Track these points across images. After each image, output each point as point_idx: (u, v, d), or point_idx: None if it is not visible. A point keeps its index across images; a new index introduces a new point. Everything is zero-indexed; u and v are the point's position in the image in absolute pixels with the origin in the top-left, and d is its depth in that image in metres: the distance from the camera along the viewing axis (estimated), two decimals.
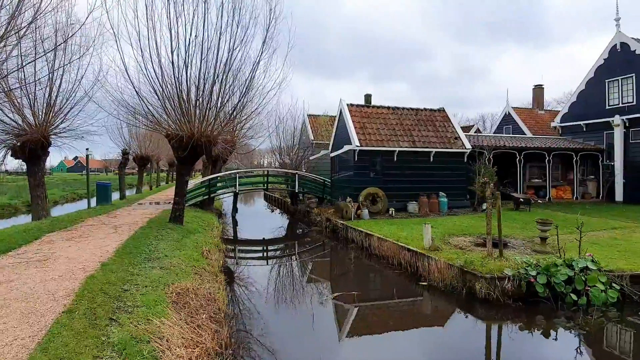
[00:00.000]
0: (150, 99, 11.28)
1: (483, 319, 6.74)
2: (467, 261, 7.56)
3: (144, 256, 7.65)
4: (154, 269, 6.92)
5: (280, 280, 9.73)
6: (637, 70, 18.79)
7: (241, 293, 8.03)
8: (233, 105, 11.69)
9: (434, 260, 8.02)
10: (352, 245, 12.16)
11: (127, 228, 10.87)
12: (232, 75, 11.26)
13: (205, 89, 11.06)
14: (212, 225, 14.02)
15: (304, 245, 14.43)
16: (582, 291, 6.72)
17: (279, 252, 13.87)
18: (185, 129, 10.99)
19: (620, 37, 19.57)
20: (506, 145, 19.14)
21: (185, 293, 6.07)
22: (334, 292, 8.05)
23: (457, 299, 7.26)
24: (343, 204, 14.97)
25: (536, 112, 33.49)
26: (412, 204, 15.95)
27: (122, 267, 6.74)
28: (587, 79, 21.41)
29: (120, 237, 9.40)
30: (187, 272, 7.20)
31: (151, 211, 15.41)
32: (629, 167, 19.32)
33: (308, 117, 29.24)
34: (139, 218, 13.20)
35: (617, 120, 19.50)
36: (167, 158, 37.62)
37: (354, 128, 16.14)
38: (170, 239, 9.71)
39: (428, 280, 7.97)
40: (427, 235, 8.96)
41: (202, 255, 8.95)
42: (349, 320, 6.87)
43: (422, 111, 18.24)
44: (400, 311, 7.43)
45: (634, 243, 9.90)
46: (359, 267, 10.56)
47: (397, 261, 9.34)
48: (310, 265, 11.48)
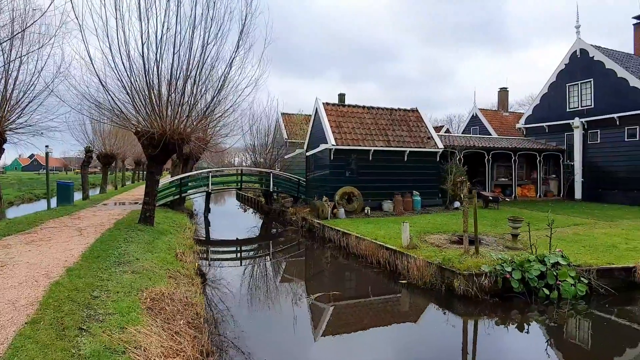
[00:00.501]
0: (119, 94, 10.72)
1: (461, 315, 6.86)
2: (445, 259, 7.68)
3: (113, 260, 7.22)
4: (125, 273, 6.54)
5: (258, 282, 9.52)
6: (595, 76, 19.93)
7: (219, 296, 7.76)
8: (207, 102, 11.31)
9: (413, 258, 8.10)
10: (330, 244, 12.10)
11: (92, 230, 10.27)
12: (206, 70, 10.92)
13: (178, 85, 10.66)
14: (184, 226, 13.53)
15: (280, 245, 14.23)
16: (554, 285, 6.98)
17: (255, 252, 13.60)
18: (156, 126, 10.52)
19: (580, 43, 20.68)
20: (476, 145, 19.76)
21: (160, 298, 5.76)
22: (312, 292, 7.94)
23: (436, 296, 7.36)
24: (319, 203, 14.89)
25: (501, 114, 34.90)
26: (387, 202, 16.12)
27: (90, 272, 6.32)
28: (549, 82, 22.49)
29: (86, 240, 8.85)
30: (161, 275, 6.86)
31: (118, 212, 14.69)
32: (587, 167, 20.49)
33: (282, 116, 28.95)
34: (106, 219, 12.53)
35: (576, 123, 20.61)
36: (133, 156, 36.11)
37: (330, 127, 16.11)
38: (140, 241, 9.25)
39: (407, 278, 8.03)
40: (405, 233, 9.04)
41: (175, 258, 8.59)
42: (329, 320, 6.80)
43: (397, 111, 18.49)
44: (379, 309, 7.44)
45: (595, 238, 10.45)
46: (337, 267, 10.52)
47: (376, 260, 9.36)
48: (288, 265, 11.32)
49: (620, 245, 9.43)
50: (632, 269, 7.61)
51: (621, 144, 19.06)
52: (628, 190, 18.80)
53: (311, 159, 18.40)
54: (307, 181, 19.03)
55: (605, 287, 7.19)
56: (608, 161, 19.64)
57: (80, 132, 22.17)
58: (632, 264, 7.69)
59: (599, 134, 20.08)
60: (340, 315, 7.09)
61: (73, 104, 11.53)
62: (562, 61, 21.74)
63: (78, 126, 21.73)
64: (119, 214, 14.13)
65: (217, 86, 10.93)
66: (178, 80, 10.54)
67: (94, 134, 23.32)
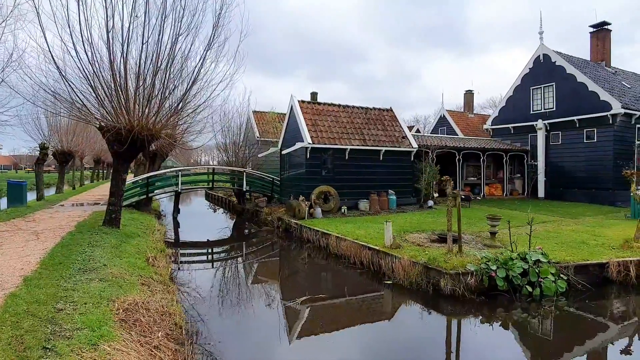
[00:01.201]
0: (80, 86, 9.88)
1: (449, 314, 6.81)
2: (430, 258, 7.62)
3: (77, 266, 6.56)
4: (93, 281, 5.93)
5: (237, 286, 9.05)
6: (557, 80, 20.93)
7: (196, 303, 7.26)
8: (178, 97, 10.67)
9: (398, 258, 7.98)
10: (308, 245, 11.81)
11: (51, 234, 9.38)
12: (178, 63, 10.31)
13: (147, 78, 9.97)
14: (153, 228, 12.76)
15: (256, 246, 13.74)
16: (536, 283, 7.09)
17: (230, 255, 13.01)
18: (123, 121, 9.78)
19: (543, 49, 21.65)
20: (448, 145, 20.17)
21: (134, 309, 5.24)
22: (295, 295, 7.62)
23: (422, 296, 7.27)
24: (295, 203, 14.56)
25: (467, 116, 36.08)
26: (363, 202, 16.06)
27: (51, 281, 5.66)
28: (514, 85, 23.39)
29: (44, 245, 8.03)
30: (132, 283, 6.29)
31: (78, 213, 13.63)
32: (549, 167, 21.49)
33: (253, 114, 28.26)
34: (65, 221, 11.55)
35: (539, 125, 21.56)
36: (92, 154, 34.04)
37: (306, 125, 15.81)
38: (106, 245, 8.53)
39: (393, 278, 7.90)
40: (388, 233, 8.92)
41: (147, 263, 7.98)
42: (316, 323, 6.53)
43: (372, 110, 18.48)
44: (365, 310, 7.26)
45: (565, 235, 10.85)
46: (318, 268, 10.24)
47: (359, 260, 9.19)
48: (266, 267, 10.91)
49: (590, 242, 9.82)
50: (605, 264, 7.90)
51: (580, 145, 20.13)
52: (586, 189, 19.89)
53: (286, 158, 18.01)
54: (282, 180, 18.62)
55: (583, 282, 7.40)
56: (568, 161, 20.68)
57: (34, 127, 20.49)
58: (605, 259, 7.97)
59: (560, 135, 21.11)
60: (326, 317, 6.82)
61: (27, 95, 10.49)
62: (526, 65, 22.67)
63: (31, 120, 20.08)
64: (79, 215, 13.09)
65: (190, 80, 10.33)
66: (147, 72, 9.86)
67: (50, 129, 21.64)
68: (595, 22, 23.37)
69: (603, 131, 19.15)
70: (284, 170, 18.44)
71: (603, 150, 19.14)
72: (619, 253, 8.56)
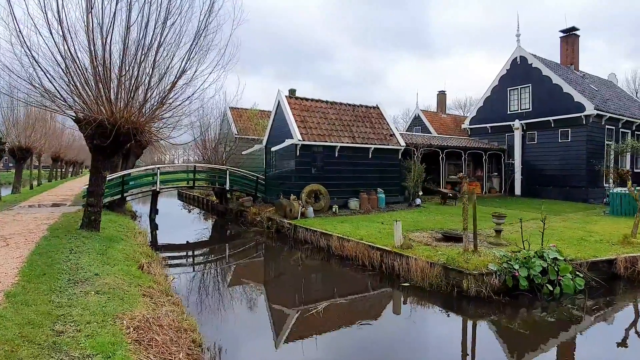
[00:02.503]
0: (54, 72, 8.78)
1: (477, 317, 6.51)
2: (448, 258, 7.34)
3: (66, 277, 5.68)
4: (89, 294, 5.12)
5: (246, 293, 8.18)
6: (533, 81, 21.61)
7: (208, 315, 6.53)
8: (167, 87, 9.77)
9: (414, 259, 7.64)
10: (307, 246, 11.24)
11: (22, 239, 8.25)
12: (168, 48, 9.43)
13: (133, 64, 9.03)
14: (134, 231, 11.72)
15: (251, 249, 12.81)
16: (556, 281, 6.98)
17: (226, 259, 12.03)
18: (105, 112, 8.81)
19: (520, 51, 22.29)
20: (433, 143, 20.27)
21: (146, 326, 4.52)
22: (311, 300, 7.09)
23: (444, 298, 6.97)
24: (286, 202, 13.95)
25: (440, 116, 36.78)
26: (354, 200, 15.71)
27: (40, 296, 4.81)
28: (492, 86, 23.96)
29: (18, 252, 6.99)
30: (133, 295, 5.52)
31: (46, 215, 12.29)
32: (525, 166, 22.17)
33: (230, 110, 27.19)
34: (33, 225, 10.32)
35: (516, 124, 22.19)
36: (51, 151, 31.48)
37: (295, 121, 15.22)
38: (91, 250, 7.59)
39: (409, 280, 7.55)
40: (398, 233, 8.59)
41: (141, 270, 7.14)
42: (342, 328, 6.02)
43: (359, 107, 18.18)
44: (389, 315, 6.81)
45: (560, 232, 11.00)
46: (325, 271, 9.61)
47: (369, 262, 8.76)
48: (269, 271, 10.15)
49: (587, 238, 9.99)
50: (613, 260, 7.97)
51: (555, 145, 20.89)
52: (561, 187, 20.68)
53: (272, 156, 17.31)
54: (267, 179, 17.89)
55: (597, 279, 7.40)
56: (544, 160, 21.42)
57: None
58: (612, 256, 8.06)
59: (536, 135, 21.82)
60: (350, 322, 6.33)
61: None
62: (503, 67, 23.28)
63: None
64: (47, 217, 11.79)
65: (180, 67, 9.48)
66: (134, 59, 8.92)
67: (5, 123, 19.63)
68: (565, 27, 24.50)
69: (577, 131, 19.96)
70: (269, 168, 17.73)
71: (577, 149, 19.96)
72: (620, 249, 8.71)
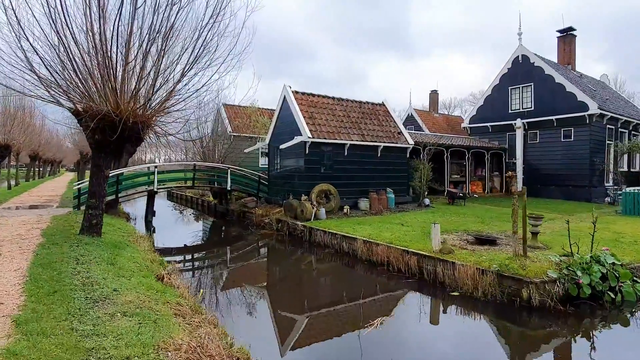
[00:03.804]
0: (50, 57, 7.75)
1: (553, 331, 5.87)
2: (501, 264, 6.74)
3: (81, 295, 4.76)
4: (115, 317, 4.24)
5: (285, 308, 6.97)
6: (535, 80, 21.48)
7: (246, 333, 5.68)
8: (176, 77, 8.83)
9: (461, 265, 7.01)
10: (327, 250, 10.46)
11: (15, 247, 7.19)
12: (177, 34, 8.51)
13: (140, 50, 8.09)
14: (135, 235, 10.70)
15: (266, 254, 11.64)
16: (616, 288, 6.48)
17: (244, 266, 10.72)
18: (110, 103, 7.83)
19: (522, 50, 22.14)
20: (439, 142, 19.83)
21: (195, 358, 3.69)
22: (358, 314, 6.33)
23: (502, 309, 6.33)
24: (296, 203, 13.15)
25: (432, 115, 36.66)
26: (363, 200, 15.05)
27: (58, 322, 3.91)
28: (493, 85, 23.78)
29: (16, 264, 5.98)
30: (164, 315, 4.66)
31: (34, 219, 11.10)
32: (527, 165, 22.04)
33: (224, 107, 26.11)
34: (23, 229, 9.19)
35: (518, 123, 22.00)
36: (29, 149, 29.60)
37: (304, 118, 14.42)
38: (99, 260, 6.63)
39: (458, 288, 6.90)
40: (437, 236, 7.95)
41: (161, 282, 6.24)
42: (408, 350, 5.30)
43: (365, 104, 17.54)
44: (453, 332, 6.04)
45: (588, 233, 10.59)
46: (358, 278, 8.65)
47: (404, 267, 8.08)
48: (301, 280, 9.06)
49: (621, 240, 9.64)
50: None
51: (557, 144, 20.81)
52: (563, 186, 20.61)
53: (276, 154, 16.45)
54: (270, 178, 17.01)
55: None
56: (546, 159, 21.32)
57: None
58: None
59: (538, 134, 21.71)
60: (413, 343, 5.61)
61: None
62: (505, 65, 23.10)
63: None
64: (37, 221, 10.62)
65: (195, 54, 8.55)
66: (142, 44, 7.98)
67: None
68: (561, 28, 24.55)
69: (580, 130, 19.91)
70: (273, 167, 16.86)
71: (580, 148, 19.91)
72: None
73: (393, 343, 5.35)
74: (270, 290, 8.22)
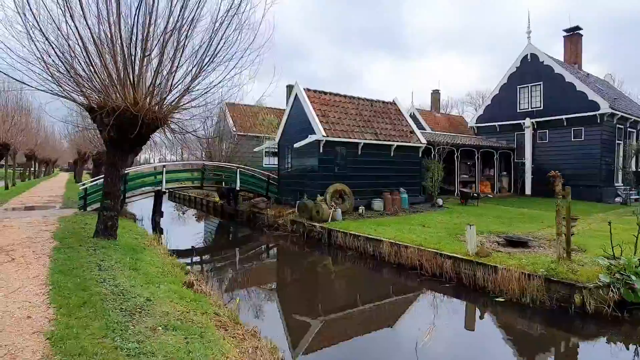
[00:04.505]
0: (63, 49, 7.28)
1: (608, 338, 5.53)
2: (549, 268, 6.40)
3: (114, 306, 4.33)
4: (157, 331, 3.82)
5: (326, 314, 6.53)
6: (544, 79, 21.26)
7: (294, 346, 5.25)
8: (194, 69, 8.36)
9: (504, 269, 6.66)
10: (350, 253, 10.05)
11: (29, 252, 6.71)
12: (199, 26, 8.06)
13: (160, 40, 7.64)
14: (148, 237, 10.24)
15: (285, 257, 11.22)
16: None
17: (265, 269, 10.23)
18: (129, 98, 7.38)
19: (530, 48, 21.92)
20: (449, 142, 19.53)
21: None
22: (408, 323, 5.93)
23: (556, 317, 5.96)
24: (312, 204, 12.74)
25: (434, 114, 36.46)
26: (377, 201, 14.68)
27: (96, 340, 3.47)
28: (500, 84, 23.53)
29: (34, 271, 5.51)
30: (207, 327, 4.25)
31: (41, 220, 10.58)
32: (536, 164, 21.83)
33: (227, 106, 25.59)
34: (32, 232, 8.69)
35: (527, 123, 21.80)
36: (26, 149, 28.86)
37: (317, 116, 14.02)
38: (121, 265, 6.18)
39: (503, 294, 6.53)
40: (473, 238, 7.60)
41: (191, 289, 5.81)
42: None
43: (376, 102, 17.18)
44: (512, 343, 5.61)
45: (613, 234, 10.33)
46: (392, 283, 8.19)
47: (438, 271, 7.70)
48: (335, 285, 8.46)
49: None
50: None
51: (567, 144, 20.61)
52: (573, 187, 20.13)
53: (287, 153, 16.02)
54: (280, 178, 16.58)
55: None
56: (555, 159, 21.06)
57: None
58: None
59: (547, 134, 21.50)
60: (476, 352, 5.23)
61: None
62: (513, 64, 22.87)
63: None
64: (44, 222, 10.11)
65: (215, 49, 8.10)
66: (162, 36, 7.53)
67: None
68: (568, 27, 24.40)
69: (591, 130, 19.72)
70: (283, 167, 16.42)
71: (591, 148, 19.71)
72: None
73: (450, 355, 4.97)
74: (303, 297, 7.70)
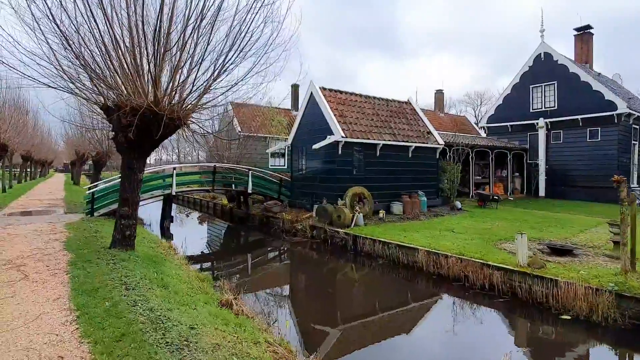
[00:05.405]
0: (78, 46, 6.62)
1: None
2: (618, 283, 5.85)
3: (157, 339, 3.69)
4: None
5: (381, 338, 5.90)
6: (558, 78, 20.83)
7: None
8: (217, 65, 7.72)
9: (570, 283, 6.09)
10: (382, 261, 9.43)
11: (42, 267, 6.03)
12: None
13: (185, 32, 7.00)
14: (162, 245, 9.59)
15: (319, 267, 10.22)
16: None
17: (300, 282, 9.37)
18: (147, 97, 6.74)
19: (544, 47, 21.49)
20: (464, 142, 19.04)
21: None
22: (475, 346, 5.35)
23: (634, 336, 5.42)
24: (331, 208, 12.14)
25: (438, 114, 36.04)
26: (397, 204, 14.11)
27: None
28: (512, 83, 23.08)
29: (52, 291, 4.86)
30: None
31: (47, 227, 9.87)
32: (549, 165, 21.40)
33: (232, 106, 24.91)
34: (40, 242, 7.99)
35: (541, 123, 21.36)
36: (23, 150, 27.95)
37: (335, 116, 13.42)
38: (147, 281, 5.54)
39: (569, 311, 5.97)
40: (524, 248, 7.03)
41: (229, 309, 5.18)
42: None
43: (392, 102, 16.63)
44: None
45: None
46: (435, 296, 7.68)
47: (487, 284, 7.12)
48: (379, 301, 7.51)
49: None
50: None
51: (583, 144, 20.18)
52: (589, 188, 19.96)
53: (301, 155, 15.39)
54: (293, 180, 15.95)
55: None
56: (570, 160, 20.67)
57: None
58: None
59: (561, 134, 21.07)
60: None
61: None
62: (525, 63, 22.43)
63: None
64: (51, 230, 9.40)
65: (239, 45, 7.45)
66: (188, 24, 6.88)
67: None
68: (578, 26, 23.99)
69: (607, 130, 19.30)
70: (296, 169, 15.80)
71: (607, 149, 19.30)
72: None
73: None
74: (350, 314, 6.85)
